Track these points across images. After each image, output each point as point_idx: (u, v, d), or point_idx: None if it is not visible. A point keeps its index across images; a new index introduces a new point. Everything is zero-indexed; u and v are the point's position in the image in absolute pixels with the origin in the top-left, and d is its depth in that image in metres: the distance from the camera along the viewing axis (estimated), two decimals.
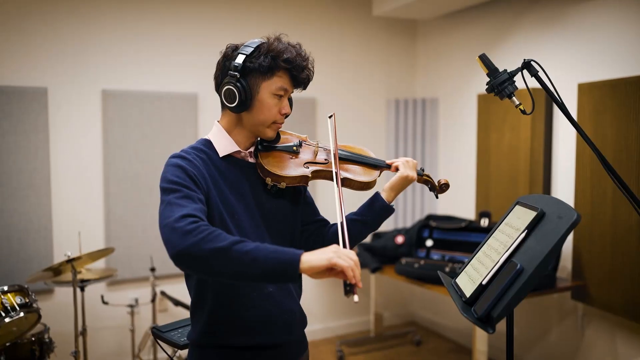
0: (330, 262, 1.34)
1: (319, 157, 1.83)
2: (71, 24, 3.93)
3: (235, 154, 1.73)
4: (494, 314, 1.44)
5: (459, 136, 4.80)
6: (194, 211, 1.46)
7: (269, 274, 1.36)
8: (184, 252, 1.36)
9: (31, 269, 3.77)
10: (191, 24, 4.31)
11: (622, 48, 3.45)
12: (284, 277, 1.37)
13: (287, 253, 1.37)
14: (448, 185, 1.97)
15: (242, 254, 1.35)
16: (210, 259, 1.36)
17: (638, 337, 3.40)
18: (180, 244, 1.37)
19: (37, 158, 3.82)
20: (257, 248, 1.37)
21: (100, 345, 4.10)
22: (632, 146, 3.23)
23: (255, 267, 1.35)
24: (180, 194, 1.51)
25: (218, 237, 1.38)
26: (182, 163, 1.61)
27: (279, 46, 1.66)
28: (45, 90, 3.84)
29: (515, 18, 4.22)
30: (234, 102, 1.66)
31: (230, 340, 1.66)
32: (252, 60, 1.64)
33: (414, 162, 1.87)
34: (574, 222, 1.40)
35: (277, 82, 1.66)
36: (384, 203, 1.82)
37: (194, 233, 1.37)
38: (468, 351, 4.63)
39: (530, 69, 1.90)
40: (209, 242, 1.36)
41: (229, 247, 1.35)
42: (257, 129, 1.71)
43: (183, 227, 1.39)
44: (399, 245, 4.24)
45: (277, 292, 1.71)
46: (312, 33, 4.80)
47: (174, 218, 1.42)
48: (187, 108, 4.27)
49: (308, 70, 1.72)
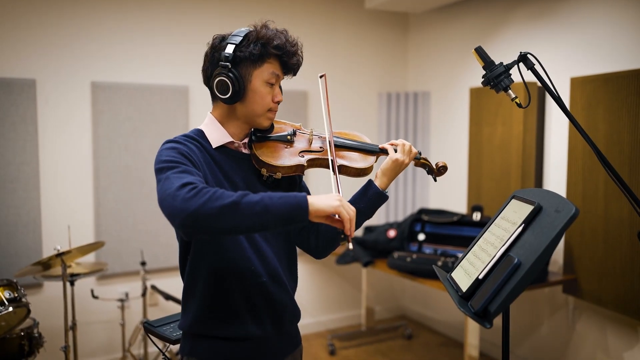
0: (335, 210, 1.42)
1: (313, 145, 1.81)
2: (60, 14, 3.87)
3: (228, 144, 1.71)
4: (491, 308, 1.43)
5: (451, 130, 4.80)
6: (194, 180, 1.44)
7: (281, 220, 1.39)
8: (193, 215, 1.35)
9: (19, 263, 3.73)
10: (182, 15, 4.27)
11: (614, 42, 3.45)
12: (296, 220, 1.40)
13: (294, 197, 1.41)
14: (446, 167, 1.95)
15: (252, 205, 1.37)
16: (221, 216, 1.35)
17: (628, 330, 3.42)
18: (188, 208, 1.35)
19: (26, 151, 3.76)
20: (265, 197, 1.39)
21: (90, 340, 4.06)
22: (624, 140, 3.23)
23: (267, 215, 1.38)
24: (178, 170, 1.49)
25: (223, 194, 1.38)
26: (177, 146, 1.59)
27: (268, 33, 1.64)
28: (33, 82, 3.78)
29: (507, 12, 4.21)
30: (227, 94, 1.63)
31: (220, 330, 1.65)
32: (242, 49, 1.62)
33: (409, 146, 1.83)
34: (572, 216, 1.39)
35: (268, 69, 1.65)
36: (377, 190, 1.78)
37: (199, 195, 1.36)
38: (459, 345, 4.64)
39: (526, 61, 1.88)
40: (217, 200, 1.36)
41: (238, 201, 1.36)
42: (252, 119, 1.69)
43: (185, 193, 1.37)
44: (391, 239, 4.23)
45: (270, 283, 1.69)
46: (303, 26, 4.77)
47: (174, 188, 1.40)
48: (178, 100, 4.23)
49: (298, 55, 1.70)
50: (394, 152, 1.80)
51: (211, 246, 1.63)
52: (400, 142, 1.82)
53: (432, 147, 5.04)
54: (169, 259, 4.21)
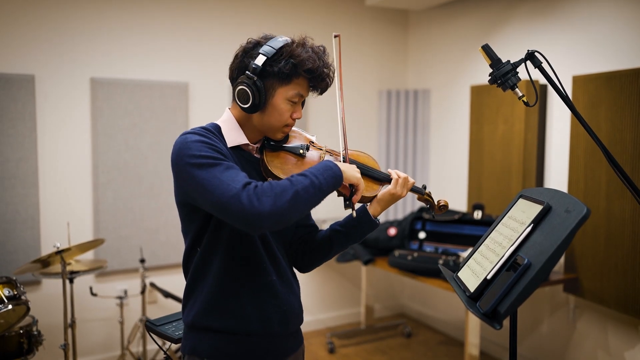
0: (358, 181, 1.62)
1: None
2: (60, 10, 3.84)
3: (243, 146, 1.69)
4: (501, 309, 1.41)
5: (451, 128, 4.78)
6: (246, 178, 1.48)
7: (329, 192, 1.55)
8: (272, 215, 1.42)
9: (18, 260, 3.70)
10: (182, 12, 4.24)
11: (617, 40, 3.44)
12: (337, 187, 1.58)
13: (330, 168, 1.55)
14: (447, 207, 1.94)
15: (307, 189, 1.48)
16: (292, 208, 1.45)
17: (629, 329, 3.42)
18: (262, 211, 1.41)
19: (24, 147, 3.73)
20: (311, 177, 1.51)
21: (89, 338, 4.04)
22: (627, 139, 3.23)
23: (321, 192, 1.52)
24: (222, 167, 1.48)
25: (279, 186, 1.46)
26: (204, 139, 1.55)
27: (303, 54, 1.60)
28: (32, 77, 3.75)
29: (508, 10, 4.20)
30: (247, 104, 1.61)
31: (226, 323, 1.64)
32: (272, 64, 1.58)
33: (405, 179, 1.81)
34: (583, 216, 1.37)
35: (294, 89, 1.62)
36: (369, 218, 1.76)
37: (264, 195, 1.42)
38: (458, 343, 4.64)
39: (534, 60, 1.86)
40: (281, 196, 1.44)
41: (297, 190, 1.46)
42: (266, 131, 1.68)
43: (251, 196, 1.42)
44: (391, 237, 4.22)
45: (278, 282, 1.69)
46: (303, 22, 4.74)
47: (236, 190, 1.42)
48: (178, 97, 4.20)
49: (328, 79, 1.68)
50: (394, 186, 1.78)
51: (225, 242, 1.62)
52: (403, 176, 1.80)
53: (432, 145, 5.02)
54: (168, 256, 4.19)
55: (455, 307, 4.72)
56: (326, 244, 1.81)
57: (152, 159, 4.12)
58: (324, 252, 1.82)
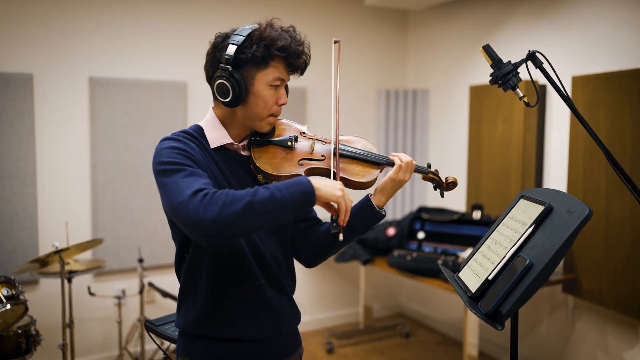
0: (337, 200, 1.44)
1: (315, 152, 1.71)
2: (58, 9, 3.83)
3: (227, 145, 1.65)
4: (502, 310, 1.41)
5: (450, 128, 4.78)
6: (204, 185, 1.40)
7: (293, 209, 1.40)
8: (213, 226, 1.33)
9: (16, 259, 3.69)
10: (180, 11, 4.23)
11: (617, 40, 3.44)
12: (306, 206, 1.42)
13: (301, 184, 1.40)
14: (455, 183, 1.85)
15: (266, 202, 1.36)
16: (239, 220, 1.34)
17: (628, 330, 3.42)
18: (205, 219, 1.33)
19: (22, 146, 3.72)
20: (274, 191, 1.38)
21: (87, 337, 4.03)
22: (626, 139, 3.23)
23: (281, 208, 1.38)
24: (184, 173, 1.44)
25: (234, 196, 1.36)
26: (177, 145, 1.53)
27: (272, 33, 1.55)
28: (30, 76, 3.74)
29: (507, 10, 4.20)
30: (228, 97, 1.57)
31: (217, 331, 1.62)
32: (244, 51, 1.54)
33: (412, 163, 1.74)
34: (585, 217, 1.37)
35: (272, 72, 1.58)
36: (374, 210, 1.70)
37: (212, 203, 1.34)
38: (456, 343, 4.64)
39: (535, 60, 1.86)
40: (231, 205, 1.34)
41: (252, 201, 1.35)
42: (253, 123, 1.63)
43: (199, 202, 1.34)
44: (390, 237, 4.21)
45: (268, 285, 1.66)
46: (303, 22, 4.73)
47: (186, 196, 1.36)
48: (176, 96, 4.19)
49: (304, 55, 1.62)
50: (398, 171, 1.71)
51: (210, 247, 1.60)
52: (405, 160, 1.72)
53: (430, 145, 5.02)
54: (166, 256, 4.18)
55: (453, 307, 4.72)
56: (329, 237, 1.74)
57: (151, 158, 4.09)
58: (328, 246, 1.75)
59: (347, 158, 1.73)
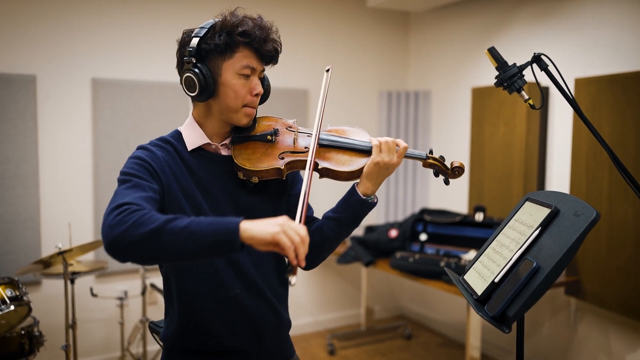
0: (273, 238, 1.22)
1: (298, 145, 1.64)
2: (61, 10, 3.83)
3: (205, 146, 1.60)
4: (509, 313, 1.41)
5: (452, 129, 4.78)
6: (134, 199, 1.33)
7: (209, 248, 1.24)
8: (115, 243, 1.25)
9: (18, 260, 3.69)
10: (183, 12, 4.23)
11: (619, 42, 3.44)
12: (226, 248, 1.25)
13: (224, 223, 1.24)
14: (462, 168, 1.70)
15: (176, 233, 1.23)
16: (142, 244, 1.24)
17: (631, 332, 3.42)
18: (110, 234, 1.25)
19: (25, 147, 3.72)
20: (192, 223, 1.24)
21: (89, 339, 4.03)
22: (629, 142, 3.23)
23: (192, 243, 1.24)
24: (129, 184, 1.41)
25: (149, 219, 1.25)
26: (141, 154, 1.51)
27: (233, 20, 1.52)
28: (33, 77, 3.74)
29: (509, 11, 4.20)
30: (195, 91, 1.53)
31: (197, 344, 1.57)
32: (207, 42, 1.51)
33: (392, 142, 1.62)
34: (593, 220, 1.38)
35: (240, 61, 1.52)
36: (359, 197, 1.59)
37: (122, 221, 1.25)
38: (458, 345, 4.64)
39: (540, 62, 1.86)
40: (139, 227, 1.24)
41: (160, 228, 1.23)
42: (228, 116, 1.57)
43: (113, 218, 1.26)
44: (392, 239, 4.21)
45: (244, 294, 1.58)
46: (305, 24, 4.74)
47: (109, 209, 1.30)
48: (178, 98, 4.19)
49: (272, 41, 1.55)
50: (377, 153, 1.60)
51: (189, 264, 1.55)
52: (383, 140, 1.61)
53: (432, 146, 5.02)
54: None
55: (455, 309, 4.72)
56: (318, 233, 1.64)
57: None
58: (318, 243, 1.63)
59: (333, 148, 1.66)
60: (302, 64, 4.69)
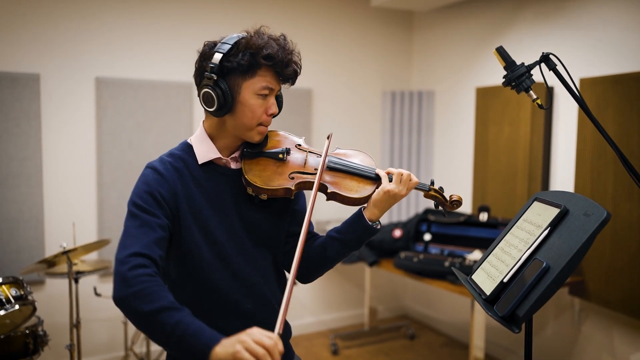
0: (235, 356, 1.22)
1: (308, 166, 1.67)
2: (65, 9, 3.83)
3: (216, 160, 1.62)
4: (519, 313, 1.41)
5: (456, 129, 4.78)
6: (145, 248, 1.41)
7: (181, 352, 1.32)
8: (118, 302, 1.37)
9: (21, 259, 3.69)
10: (187, 11, 4.23)
11: (624, 43, 3.43)
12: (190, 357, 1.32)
13: (202, 341, 1.28)
14: (460, 202, 1.75)
15: (163, 327, 1.32)
16: (136, 317, 1.36)
17: (635, 333, 3.41)
18: (116, 292, 1.37)
19: (29, 146, 3.72)
20: (180, 325, 1.31)
21: (93, 338, 4.03)
22: (635, 142, 3.22)
23: (172, 342, 1.33)
24: (138, 222, 1.46)
25: (150, 295, 1.34)
26: (151, 180, 1.52)
27: (259, 41, 1.52)
28: (37, 76, 3.74)
29: (514, 11, 4.19)
30: (213, 107, 1.54)
31: None
32: (230, 59, 1.52)
33: (407, 175, 1.66)
34: (604, 220, 1.37)
35: (260, 82, 1.54)
36: (366, 224, 1.65)
37: (130, 283, 1.35)
38: (461, 345, 4.63)
39: (548, 62, 1.86)
40: (136, 300, 1.34)
41: (154, 315, 1.33)
42: (242, 133, 1.60)
43: (125, 271, 1.37)
44: (396, 239, 4.21)
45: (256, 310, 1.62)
46: (308, 23, 4.74)
47: (122, 256, 1.39)
48: (182, 97, 4.19)
49: (293, 64, 1.58)
50: (388, 182, 1.64)
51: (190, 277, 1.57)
52: (396, 172, 1.66)
53: (436, 147, 5.02)
54: None
55: (458, 309, 4.72)
56: (320, 251, 1.70)
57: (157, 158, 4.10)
58: (318, 261, 1.71)
59: (342, 172, 1.69)
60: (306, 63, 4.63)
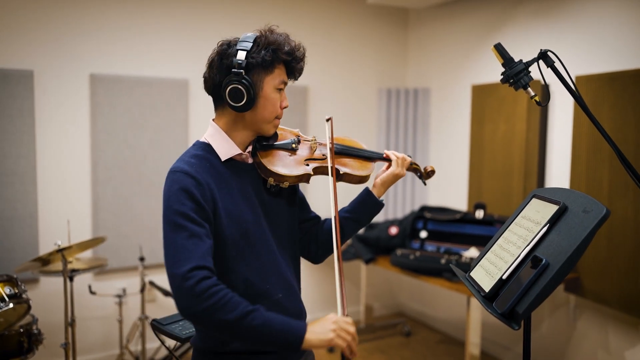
0: (330, 343, 1.42)
1: (316, 153, 1.81)
2: (59, 5, 3.80)
3: (236, 156, 1.67)
4: (519, 309, 1.40)
5: (451, 127, 4.78)
6: (201, 260, 1.43)
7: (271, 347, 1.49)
8: (193, 317, 1.41)
9: (15, 258, 3.66)
10: (183, 8, 4.20)
11: (620, 40, 3.44)
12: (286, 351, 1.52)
13: (292, 331, 1.41)
14: (434, 171, 2.01)
15: (251, 330, 1.39)
16: (218, 329, 1.41)
17: (630, 329, 3.42)
18: (190, 307, 1.39)
19: (23, 143, 3.69)
20: (266, 324, 1.40)
21: (88, 336, 4.01)
22: (630, 139, 3.23)
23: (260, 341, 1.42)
24: (186, 234, 1.45)
25: (228, 303, 1.40)
26: (188, 185, 1.51)
27: (278, 38, 1.62)
28: (31, 73, 3.71)
29: (510, 8, 4.19)
30: (241, 101, 1.58)
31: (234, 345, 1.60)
32: (254, 56, 1.58)
33: (403, 157, 1.90)
34: (603, 216, 1.37)
35: (278, 76, 1.63)
36: (375, 200, 1.85)
37: (203, 297, 1.38)
38: (457, 342, 4.63)
39: (546, 59, 1.86)
40: (218, 312, 1.38)
41: (238, 322, 1.39)
42: (260, 127, 1.66)
43: (192, 287, 1.38)
44: (392, 236, 4.21)
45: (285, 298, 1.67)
46: (304, 20, 4.72)
47: (183, 272, 1.40)
48: (178, 94, 4.17)
49: (303, 60, 1.70)
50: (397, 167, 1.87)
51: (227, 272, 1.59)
52: (400, 157, 1.89)
53: (431, 144, 5.02)
54: None
55: (454, 307, 4.72)
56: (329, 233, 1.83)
57: (152, 156, 4.09)
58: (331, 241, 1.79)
59: (345, 155, 1.88)
60: None
